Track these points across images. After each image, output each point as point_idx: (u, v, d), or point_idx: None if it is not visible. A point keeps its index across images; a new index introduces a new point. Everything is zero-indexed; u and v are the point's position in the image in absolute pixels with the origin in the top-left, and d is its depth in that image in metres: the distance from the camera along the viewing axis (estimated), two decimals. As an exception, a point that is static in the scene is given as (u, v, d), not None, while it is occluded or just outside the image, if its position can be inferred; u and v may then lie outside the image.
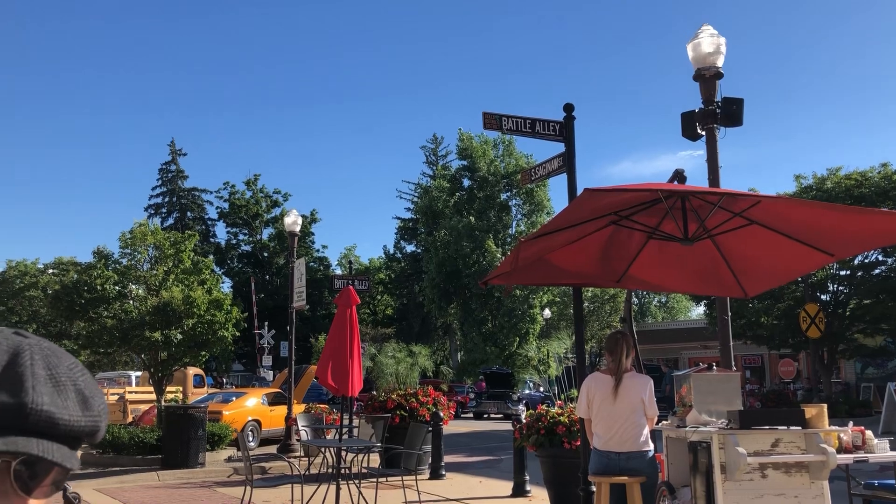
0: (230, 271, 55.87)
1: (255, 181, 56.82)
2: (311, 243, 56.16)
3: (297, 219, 17.32)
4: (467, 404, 35.38)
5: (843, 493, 7.48)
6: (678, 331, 45.39)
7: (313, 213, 56.32)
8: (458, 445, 18.63)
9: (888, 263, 25.12)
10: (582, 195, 4.85)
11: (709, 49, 8.53)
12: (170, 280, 15.95)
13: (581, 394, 5.65)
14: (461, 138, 46.01)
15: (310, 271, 49.33)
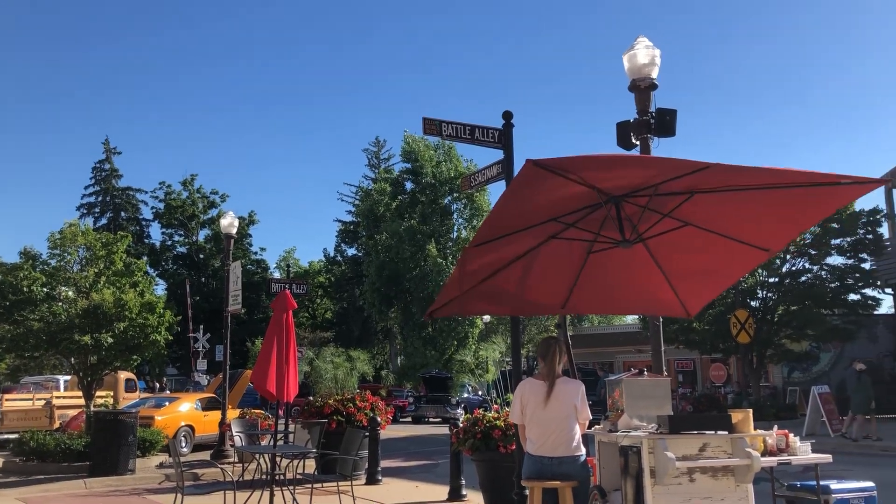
0: (165, 273, 54.64)
1: (191, 181, 55.72)
2: (248, 245, 55.31)
3: (234, 220, 17.06)
4: (406, 409, 35.32)
5: (767, 495, 7.70)
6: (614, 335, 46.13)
7: (251, 214, 55.52)
8: (395, 450, 18.58)
9: (813, 271, 26.02)
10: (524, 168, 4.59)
11: (644, 60, 8.72)
12: (101, 282, 15.52)
13: (515, 399, 5.69)
14: (406, 141, 45.88)
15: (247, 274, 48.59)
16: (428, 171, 44.93)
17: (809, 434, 18.66)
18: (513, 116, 8.20)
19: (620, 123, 9.11)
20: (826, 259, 25.80)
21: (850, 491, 7.20)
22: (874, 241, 25.53)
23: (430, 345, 43.61)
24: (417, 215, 44.65)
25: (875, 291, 27.88)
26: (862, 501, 7.20)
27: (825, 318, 25.63)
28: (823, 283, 25.75)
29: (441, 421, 30.32)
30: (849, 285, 25.86)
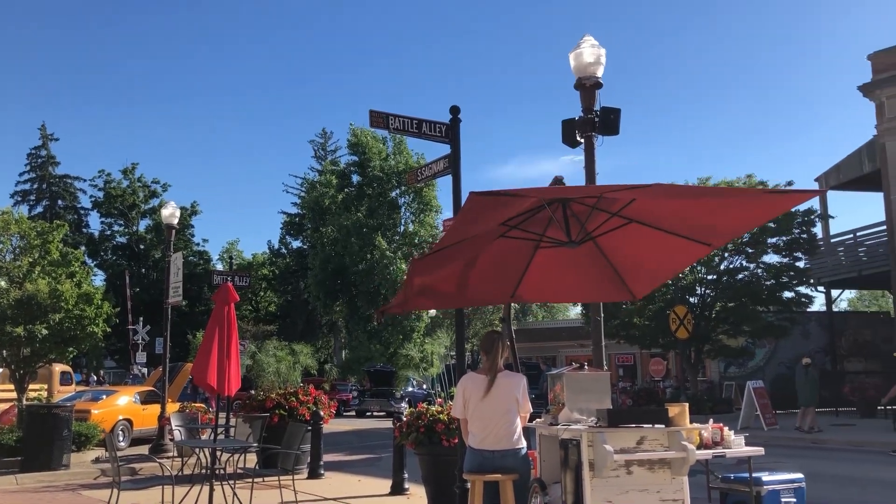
0: (104, 264, 53.26)
1: (132, 170, 54.38)
2: (190, 236, 54.27)
3: (175, 211, 16.74)
4: (350, 403, 35.21)
5: (703, 487, 7.92)
6: (557, 329, 46.73)
7: (194, 205, 54.48)
8: (339, 444, 18.51)
9: (750, 269, 26.73)
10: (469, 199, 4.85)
11: (589, 59, 8.81)
12: (35, 272, 15.07)
13: (457, 394, 5.72)
14: (353, 133, 45.51)
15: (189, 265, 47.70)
16: (376, 164, 44.68)
17: (744, 427, 19.22)
18: (460, 111, 8.23)
19: (566, 121, 9.19)
20: (762, 257, 26.55)
21: (780, 482, 7.43)
22: (808, 240, 26.36)
23: (375, 339, 43.49)
24: (364, 208, 44.40)
25: (809, 289, 28.83)
26: (791, 492, 7.44)
27: (761, 314, 26.37)
28: (760, 281, 26.49)
29: (385, 415, 30.32)
30: (784, 283, 26.65)
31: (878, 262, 27.14)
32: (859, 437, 18.10)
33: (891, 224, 24.92)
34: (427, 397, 30.02)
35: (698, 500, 7.26)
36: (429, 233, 43.91)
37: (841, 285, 32.32)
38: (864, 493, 10.64)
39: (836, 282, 30.75)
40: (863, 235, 29.09)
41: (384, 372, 36.04)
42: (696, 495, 7.20)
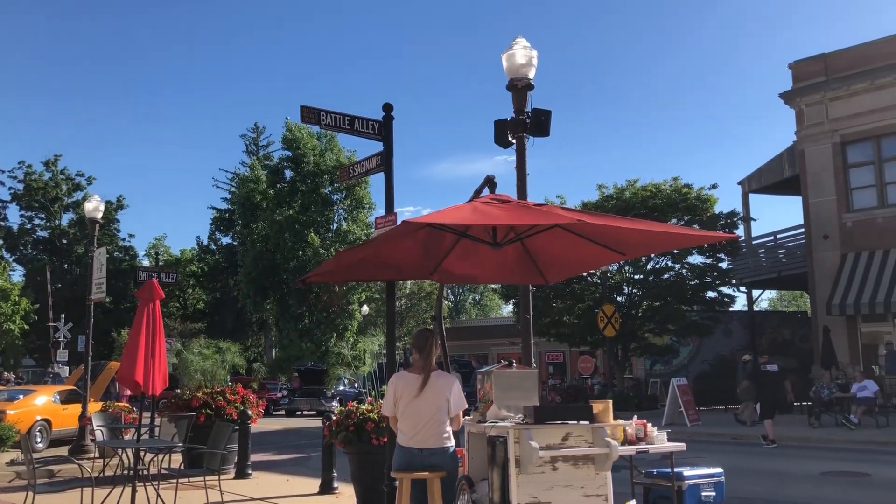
0: (23, 258, 51.30)
1: (55, 162, 52.51)
2: (116, 231, 52.75)
3: (100, 204, 16.24)
4: (280, 402, 34.80)
5: (627, 482, 8.09)
6: (489, 328, 47.07)
7: (120, 199, 52.99)
8: (267, 444, 18.27)
9: (675, 269, 27.44)
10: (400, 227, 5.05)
11: (522, 61, 8.89)
12: (-53, 267, 14.42)
13: (388, 392, 5.72)
14: (287, 128, 44.88)
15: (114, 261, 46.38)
16: (310, 160, 44.18)
17: (668, 424, 19.69)
18: (393, 109, 8.22)
19: (498, 121, 9.26)
20: (687, 258, 27.27)
21: (701, 477, 7.68)
22: (731, 242, 27.20)
23: (306, 337, 43.05)
24: (297, 205, 43.87)
25: (731, 289, 29.77)
26: (711, 486, 7.69)
27: (685, 313, 27.10)
28: (684, 281, 27.22)
29: (316, 414, 30.07)
30: (707, 283, 27.45)
31: (796, 264, 28.19)
32: (777, 432, 18.75)
33: (808, 227, 25.92)
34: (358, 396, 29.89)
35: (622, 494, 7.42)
36: (362, 230, 43.70)
37: (761, 285, 33.44)
38: (779, 486, 11.06)
39: (757, 282, 31.81)
40: (782, 238, 30.18)
41: (315, 370, 35.73)
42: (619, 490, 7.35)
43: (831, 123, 25.37)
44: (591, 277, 27.23)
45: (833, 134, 25.33)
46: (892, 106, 24.01)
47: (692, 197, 26.53)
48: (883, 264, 23.48)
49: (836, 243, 24.95)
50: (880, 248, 23.80)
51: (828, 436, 17.52)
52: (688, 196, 26.51)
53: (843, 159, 25.25)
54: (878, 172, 24.66)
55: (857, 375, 19.93)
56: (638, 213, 23.78)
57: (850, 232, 24.80)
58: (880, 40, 24.83)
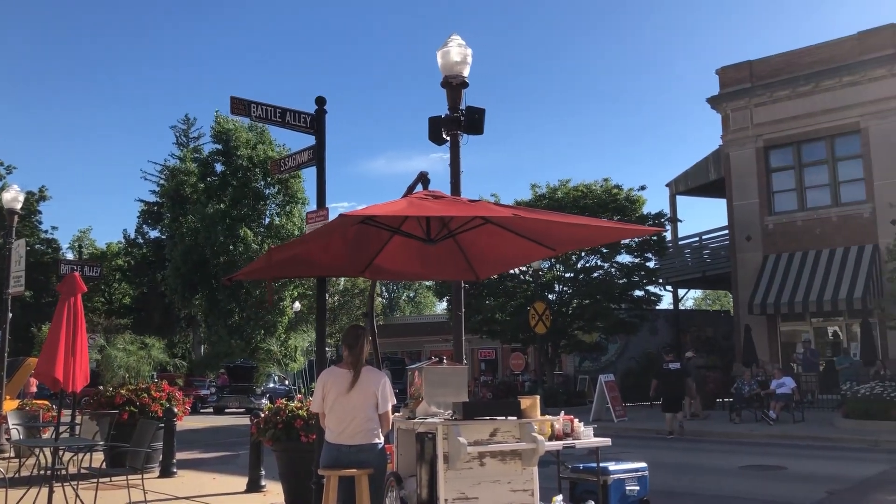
0: (-66, 250, 48.96)
1: (-30, 150, 50.27)
2: (37, 223, 50.81)
3: (19, 195, 15.63)
4: (208, 399, 34.21)
5: (554, 477, 8.21)
6: (423, 325, 47.14)
7: (42, 190, 51.02)
8: (194, 442, 17.90)
9: (604, 268, 27.99)
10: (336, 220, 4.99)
11: (456, 58, 8.93)
12: None
13: (317, 388, 5.68)
14: (217, 121, 43.98)
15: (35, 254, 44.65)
16: (242, 154, 43.42)
17: (596, 419, 20.08)
18: (326, 102, 8.13)
19: (432, 118, 9.28)
20: (616, 257, 27.84)
21: (625, 471, 7.84)
22: (658, 242, 27.89)
23: (235, 333, 42.33)
24: (228, 198, 43.07)
25: (657, 288, 30.53)
26: (635, 480, 7.86)
27: (613, 311, 27.66)
28: (613, 280, 27.78)
29: (245, 411, 29.64)
30: (635, 282, 28.08)
31: (720, 264, 29.09)
32: (700, 428, 19.33)
33: (732, 229, 26.78)
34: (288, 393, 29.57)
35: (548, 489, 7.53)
36: (295, 225, 43.17)
37: (687, 285, 34.41)
38: (700, 479, 11.39)
39: (683, 281, 32.72)
40: (707, 239, 31.10)
41: (244, 367, 35.23)
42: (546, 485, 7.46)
43: (755, 128, 26.25)
44: (523, 275, 27.54)
45: (757, 139, 26.21)
46: (812, 113, 24.98)
47: (622, 197, 27.09)
48: (802, 266, 24.42)
49: (758, 245, 25.84)
50: (799, 250, 24.74)
51: (748, 431, 18.12)
52: (618, 197, 27.06)
53: (766, 163, 26.17)
54: (799, 177, 25.63)
55: (776, 372, 20.66)
56: (569, 213, 24.13)
57: (771, 234, 25.72)
58: (802, 49, 25.80)
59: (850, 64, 24.15)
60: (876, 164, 23.75)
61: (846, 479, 10.91)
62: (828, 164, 25.08)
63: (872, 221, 23.69)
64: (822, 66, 24.73)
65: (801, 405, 20.01)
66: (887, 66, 23.57)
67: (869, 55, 23.91)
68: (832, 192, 24.90)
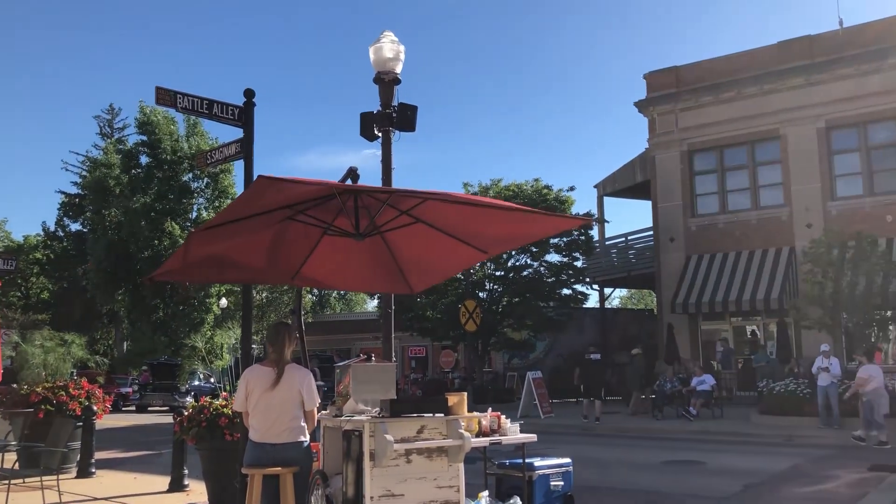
0: None
1: None
2: (-51, 213, 48.59)
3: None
4: (131, 397, 33.34)
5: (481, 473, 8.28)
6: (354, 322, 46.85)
7: (-46, 179, 48.80)
8: (115, 441, 17.40)
9: (534, 267, 28.35)
10: (256, 182, 4.82)
11: (389, 55, 8.93)
12: None
13: (240, 386, 5.60)
14: (143, 111, 42.75)
15: (-55, 246, 42.67)
16: (167, 146, 42.33)
17: (523, 416, 20.32)
18: (255, 95, 8.01)
19: (364, 114, 9.27)
20: (545, 256, 28.24)
21: (550, 467, 7.96)
22: (586, 242, 28.41)
23: (160, 330, 41.29)
24: (154, 191, 41.95)
25: (585, 287, 31.09)
26: (560, 476, 8.00)
27: (542, 309, 28.04)
28: (542, 278, 28.17)
29: (168, 410, 28.97)
30: (563, 281, 28.54)
31: (645, 264, 29.80)
32: (623, 424, 19.79)
33: (657, 230, 27.47)
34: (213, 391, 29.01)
35: (475, 486, 7.59)
36: (224, 221, 42.31)
37: (613, 284, 35.14)
38: (623, 474, 11.66)
39: (609, 281, 33.40)
40: (633, 239, 31.82)
41: (168, 365, 34.43)
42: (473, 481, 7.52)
43: (680, 133, 26.99)
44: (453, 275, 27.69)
45: (681, 143, 26.95)
46: (734, 119, 25.83)
47: (552, 198, 27.48)
48: (722, 266, 25.23)
49: (681, 246, 26.57)
50: (720, 252, 25.56)
51: (669, 427, 18.64)
52: (548, 197, 27.44)
53: (690, 167, 26.94)
54: (721, 181, 26.46)
55: (697, 370, 21.30)
56: (500, 212, 24.38)
57: (694, 235, 26.49)
58: (725, 57, 26.64)
59: (770, 72, 25.06)
60: (793, 170, 24.70)
61: (761, 473, 11.32)
62: (748, 169, 25.96)
63: (789, 225, 24.63)
64: (744, 73, 25.58)
65: (720, 401, 20.68)
66: (804, 75, 24.53)
67: (787, 64, 24.85)
68: (752, 195, 25.78)
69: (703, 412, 19.85)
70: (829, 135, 24.40)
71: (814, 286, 19.42)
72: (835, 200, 24.07)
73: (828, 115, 24.25)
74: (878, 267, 19.26)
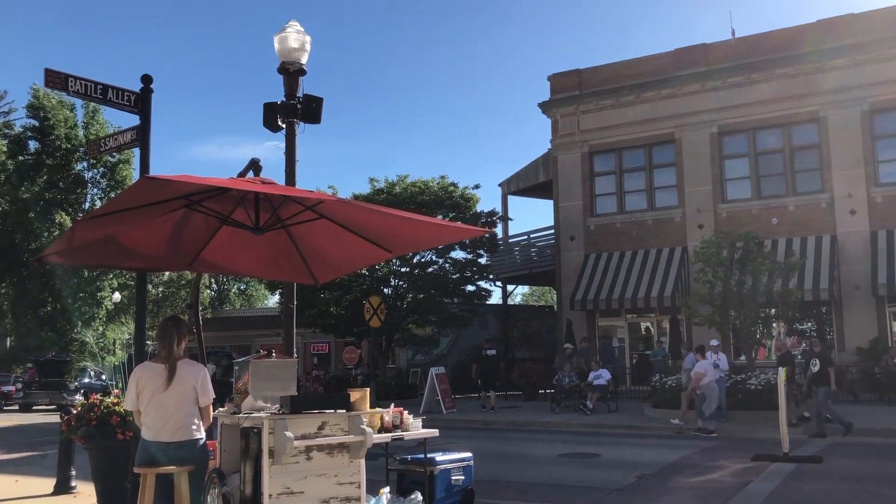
0: None
1: None
2: None
3: None
4: (14, 396, 31.66)
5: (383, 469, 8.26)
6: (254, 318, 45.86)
7: None
8: (-5, 442, 16.50)
9: (439, 263, 28.51)
10: (139, 183, 4.68)
11: (294, 45, 8.78)
12: None
13: (130, 384, 5.39)
14: (34, 94, 40.51)
15: None
16: (61, 133, 40.27)
17: (426, 411, 20.41)
18: (152, 81, 7.71)
19: (268, 104, 9.07)
20: (450, 253, 28.43)
21: (451, 461, 8.02)
22: (490, 239, 28.76)
23: (47, 325, 39.33)
24: (43, 180, 39.85)
25: (488, 284, 31.49)
26: (461, 470, 8.07)
27: (447, 305, 28.24)
28: (447, 275, 28.35)
29: (56, 408, 27.64)
30: (467, 277, 28.82)
31: (546, 262, 30.44)
32: (523, 418, 20.14)
33: (558, 228, 28.09)
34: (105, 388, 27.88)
35: (376, 482, 7.56)
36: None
37: (515, 281, 35.73)
38: (522, 468, 11.87)
39: (512, 277, 33.94)
40: (535, 237, 32.45)
41: (55, 361, 32.81)
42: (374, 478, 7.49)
43: (581, 134, 27.67)
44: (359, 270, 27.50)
45: (583, 144, 27.63)
46: (633, 122, 26.67)
47: (457, 195, 27.69)
48: (619, 265, 26.03)
49: (580, 244, 27.26)
50: (617, 251, 26.37)
51: (567, 420, 19.09)
52: (453, 194, 27.63)
53: (591, 168, 27.66)
54: (619, 182, 27.29)
55: (594, 365, 21.88)
56: (407, 208, 24.37)
57: (592, 234, 27.22)
58: (625, 62, 27.47)
59: (668, 78, 26.00)
60: (687, 173, 25.71)
61: (654, 464, 11.74)
62: (645, 171, 26.87)
63: (683, 225, 25.64)
64: (644, 78, 26.45)
65: (616, 395, 21.34)
66: (700, 81, 25.57)
67: (684, 71, 25.83)
68: (648, 197, 26.69)
69: (599, 406, 20.43)
70: (720, 140, 25.52)
71: (704, 285, 20.28)
72: (725, 203, 25.19)
73: (720, 120, 25.35)
74: (763, 267, 20.28)
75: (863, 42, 23.05)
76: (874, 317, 22.55)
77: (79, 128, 41.21)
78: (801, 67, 23.99)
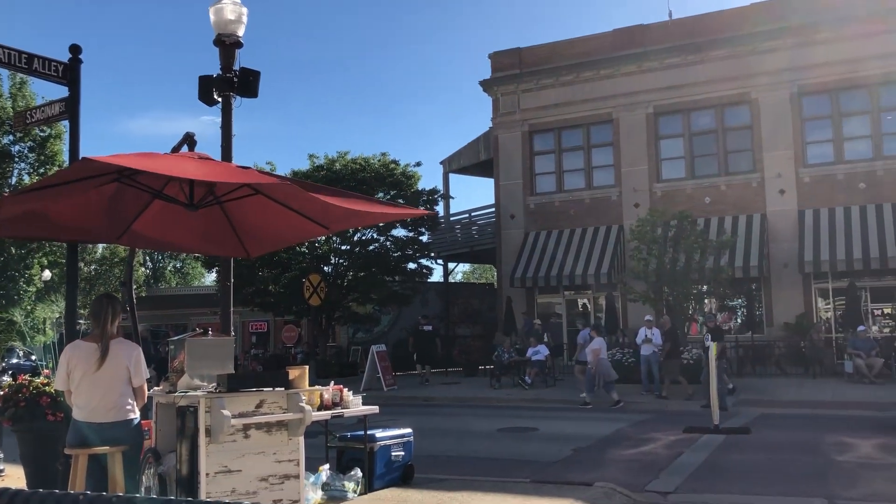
0: None
1: None
2: None
3: None
4: (-67, 378, 30.46)
5: (322, 447, 8.27)
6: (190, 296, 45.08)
7: None
8: (-84, 425, 15.85)
9: (380, 241, 28.41)
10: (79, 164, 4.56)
11: (231, 16, 8.60)
12: None
13: (60, 364, 5.26)
14: (-46, 65, 38.73)
15: None
16: (-19, 104, 38.58)
17: (367, 389, 20.43)
18: (81, 51, 7.47)
19: (203, 77, 8.87)
20: (391, 231, 28.34)
21: (391, 438, 8.08)
22: (432, 217, 28.75)
23: (-29, 304, 37.90)
24: (-37, 154, 38.19)
25: (429, 261, 31.53)
26: (401, 446, 8.14)
27: (388, 283, 28.20)
28: (388, 253, 28.28)
29: (-19, 390, 26.74)
30: (409, 255, 28.79)
31: (487, 240, 30.63)
32: (463, 394, 20.34)
33: (499, 207, 28.27)
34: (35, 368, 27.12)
35: (316, 459, 7.57)
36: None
37: (456, 259, 35.88)
38: (461, 442, 12.02)
39: (453, 255, 34.08)
40: (476, 215, 32.59)
41: (-19, 342, 31.73)
42: (314, 455, 7.50)
43: (522, 113, 27.80)
44: (299, 247, 27.20)
45: (523, 123, 27.78)
46: (572, 101, 26.90)
47: (398, 173, 27.56)
48: (557, 243, 26.37)
49: (521, 222, 27.50)
50: (556, 229, 26.70)
51: (506, 396, 19.35)
52: (394, 171, 27.49)
53: (530, 147, 27.85)
54: (558, 161, 27.56)
55: (532, 341, 22.18)
56: (347, 185, 24.18)
57: (532, 213, 27.48)
58: (566, 41, 27.65)
59: (607, 58, 26.27)
60: (624, 152, 26.11)
61: (589, 437, 12.02)
62: (583, 151, 27.17)
63: (619, 204, 26.07)
64: (583, 58, 26.67)
65: (553, 371, 21.72)
66: (636, 62, 25.91)
67: (621, 52, 26.14)
68: (586, 176, 27.03)
69: (538, 381, 20.75)
70: (656, 120, 25.95)
71: (639, 262, 20.72)
72: (660, 182, 25.68)
73: (656, 101, 25.76)
74: (696, 245, 20.81)
75: (794, 26, 23.66)
76: (801, 293, 23.36)
77: (4, 99, 39.56)
78: (735, 50, 24.52)
